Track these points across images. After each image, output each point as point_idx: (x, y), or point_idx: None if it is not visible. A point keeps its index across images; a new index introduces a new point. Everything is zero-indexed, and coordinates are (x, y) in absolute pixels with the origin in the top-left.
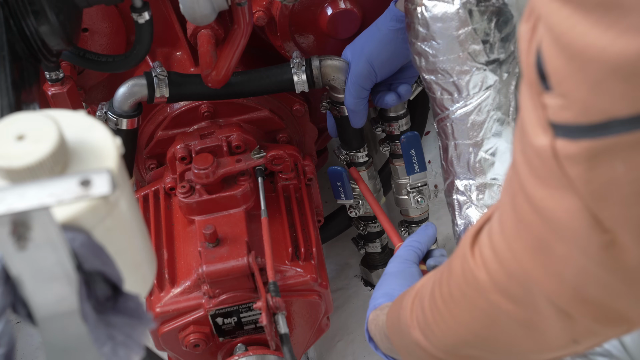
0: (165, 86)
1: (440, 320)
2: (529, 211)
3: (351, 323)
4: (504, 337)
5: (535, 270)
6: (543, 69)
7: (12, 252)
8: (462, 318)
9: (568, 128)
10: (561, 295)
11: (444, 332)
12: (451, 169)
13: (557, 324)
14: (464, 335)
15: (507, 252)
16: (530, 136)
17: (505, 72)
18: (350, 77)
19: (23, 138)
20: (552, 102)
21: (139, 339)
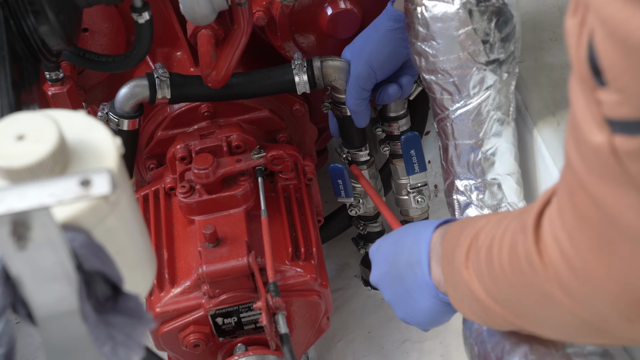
0: (167, 87)
1: (494, 277)
2: (591, 208)
3: (351, 323)
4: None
5: (599, 270)
6: (597, 63)
7: (12, 252)
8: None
9: (626, 124)
10: (624, 299)
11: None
12: (451, 169)
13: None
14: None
15: (570, 248)
16: (586, 134)
17: (505, 72)
18: (350, 79)
19: (23, 138)
20: (608, 98)
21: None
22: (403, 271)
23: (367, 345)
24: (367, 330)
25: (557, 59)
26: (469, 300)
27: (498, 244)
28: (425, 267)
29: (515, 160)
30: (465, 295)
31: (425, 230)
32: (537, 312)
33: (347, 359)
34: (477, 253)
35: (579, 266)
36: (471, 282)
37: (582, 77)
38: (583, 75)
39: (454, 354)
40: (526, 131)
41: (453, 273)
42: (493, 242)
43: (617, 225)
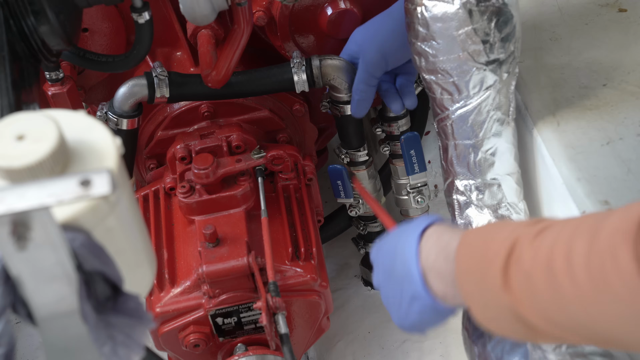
0: (165, 86)
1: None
2: None
3: (351, 323)
4: None
5: None
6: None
7: (12, 252)
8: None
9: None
10: None
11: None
12: (451, 169)
13: None
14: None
15: None
16: None
17: (505, 72)
18: (361, 65)
19: (23, 138)
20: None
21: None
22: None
23: (367, 345)
24: (367, 330)
25: (557, 59)
26: (509, 322)
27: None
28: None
29: (515, 160)
30: (503, 317)
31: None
32: (634, 339)
33: (347, 359)
34: (526, 275)
35: None
36: (518, 305)
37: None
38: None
39: (454, 354)
40: (526, 131)
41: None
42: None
43: None
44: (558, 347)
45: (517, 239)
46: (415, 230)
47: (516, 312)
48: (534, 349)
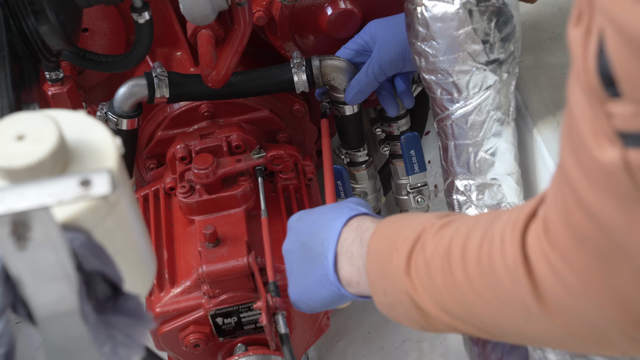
0: (165, 86)
1: (453, 289)
2: (590, 228)
3: (351, 323)
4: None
5: (599, 290)
6: (609, 74)
7: (12, 252)
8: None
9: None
10: (626, 318)
11: (457, 301)
12: (451, 169)
13: (617, 341)
14: (483, 315)
15: (564, 268)
16: (592, 148)
17: (505, 72)
18: (377, 58)
19: (23, 138)
20: (622, 110)
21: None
22: (310, 256)
23: (367, 345)
24: (367, 330)
25: (557, 59)
26: (406, 307)
27: (460, 254)
28: (330, 263)
29: (515, 160)
30: (401, 303)
31: (337, 221)
32: (512, 325)
33: (347, 359)
34: (426, 262)
35: (575, 285)
36: (413, 291)
37: (590, 88)
38: (591, 87)
39: (454, 354)
40: (526, 131)
41: (386, 278)
42: (451, 252)
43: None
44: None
45: (425, 229)
46: (343, 215)
47: (412, 298)
48: (534, 349)
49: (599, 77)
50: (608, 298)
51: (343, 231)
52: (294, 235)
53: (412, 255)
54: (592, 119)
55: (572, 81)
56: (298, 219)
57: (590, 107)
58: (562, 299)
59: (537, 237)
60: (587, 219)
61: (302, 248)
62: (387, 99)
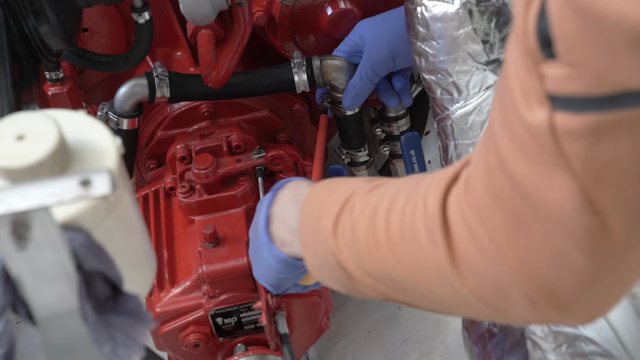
0: (166, 86)
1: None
2: (508, 189)
3: (351, 323)
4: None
5: (509, 252)
6: (548, 34)
7: (12, 252)
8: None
9: (572, 100)
10: (531, 281)
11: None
12: None
13: (518, 306)
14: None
15: (479, 228)
16: (521, 109)
17: None
18: (366, 62)
19: (23, 138)
20: (554, 72)
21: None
22: (255, 228)
23: (367, 345)
24: (367, 330)
25: None
26: (332, 269)
27: (384, 216)
28: (262, 224)
29: None
30: (328, 264)
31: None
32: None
33: (347, 359)
34: (352, 224)
35: (487, 246)
36: (339, 253)
37: (527, 48)
38: (529, 47)
39: (454, 354)
40: None
41: (315, 240)
42: (376, 214)
43: (537, 207)
44: (558, 347)
45: (354, 192)
46: (279, 183)
47: (338, 260)
48: (534, 349)
49: (537, 38)
50: (516, 261)
51: (278, 194)
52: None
53: (340, 217)
54: (525, 80)
55: (511, 40)
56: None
57: (525, 67)
58: (475, 261)
59: (457, 198)
60: (507, 180)
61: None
62: (385, 92)
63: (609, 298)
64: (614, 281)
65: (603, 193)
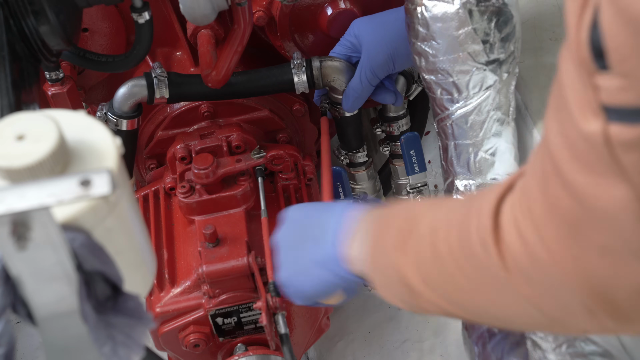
0: (165, 87)
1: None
2: (565, 197)
3: (351, 323)
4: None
5: (566, 261)
6: (599, 46)
7: (12, 252)
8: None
9: (626, 111)
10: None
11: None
12: (451, 169)
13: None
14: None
15: (534, 237)
16: (577, 119)
17: (505, 72)
18: (367, 63)
19: (23, 138)
20: (608, 84)
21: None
22: (309, 238)
23: (367, 345)
24: (367, 330)
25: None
26: (396, 285)
27: (446, 227)
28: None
29: (515, 160)
30: (392, 280)
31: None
32: (484, 300)
33: (347, 359)
34: (416, 237)
35: (543, 256)
36: (405, 268)
37: (580, 59)
38: (582, 58)
39: (454, 354)
40: (526, 131)
41: (381, 257)
42: (438, 226)
43: (594, 216)
44: (558, 347)
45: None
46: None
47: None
48: (534, 349)
49: (590, 49)
50: (573, 270)
51: (352, 212)
52: (289, 222)
53: (406, 234)
54: (580, 91)
55: (565, 51)
56: (296, 209)
57: (579, 78)
58: (528, 269)
59: (511, 207)
60: (563, 188)
61: (300, 231)
62: (380, 91)
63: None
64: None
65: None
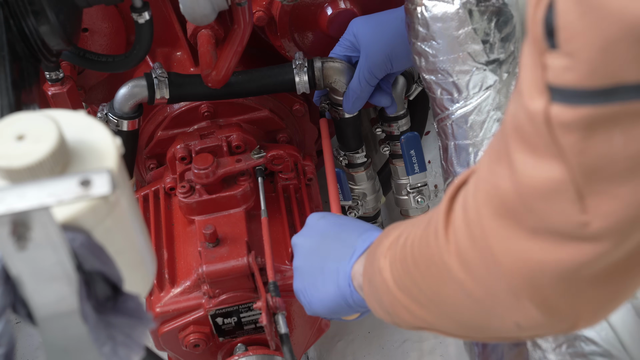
0: (165, 87)
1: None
2: (506, 176)
3: (351, 323)
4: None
5: (496, 240)
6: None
7: (12, 252)
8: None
9: (568, 92)
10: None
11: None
12: (451, 169)
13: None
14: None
15: (474, 215)
16: (525, 98)
17: (505, 72)
18: (363, 65)
19: (23, 138)
20: (555, 63)
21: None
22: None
23: (367, 345)
24: (367, 330)
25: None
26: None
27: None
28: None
29: None
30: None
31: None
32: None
33: (347, 359)
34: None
35: (478, 235)
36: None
37: (534, 37)
38: (536, 36)
39: (454, 354)
40: None
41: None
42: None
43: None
44: (558, 347)
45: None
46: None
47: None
48: (534, 349)
49: (543, 27)
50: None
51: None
52: (314, 229)
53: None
54: (531, 69)
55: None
56: (321, 217)
57: (532, 56)
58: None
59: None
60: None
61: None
62: (377, 93)
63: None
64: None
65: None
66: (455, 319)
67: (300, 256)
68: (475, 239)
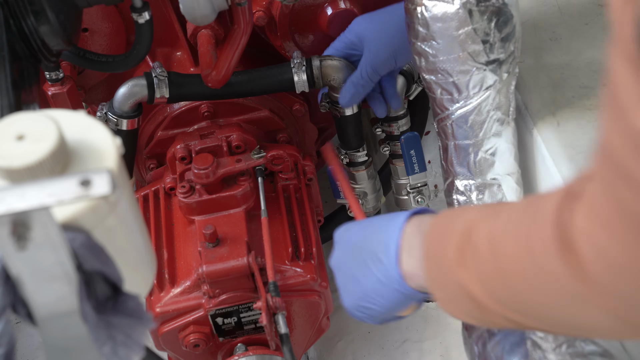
0: (165, 87)
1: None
2: (634, 197)
3: (351, 323)
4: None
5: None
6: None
7: (12, 252)
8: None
9: None
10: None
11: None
12: (451, 169)
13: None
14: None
15: (609, 244)
16: (630, 116)
17: (505, 72)
18: (367, 60)
19: (23, 138)
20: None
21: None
22: (367, 258)
23: (367, 345)
24: (367, 330)
25: (557, 59)
26: (461, 301)
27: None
28: (392, 257)
29: (515, 160)
30: (456, 296)
31: (397, 218)
32: (557, 310)
33: (347, 359)
34: (475, 250)
35: (621, 262)
36: (468, 283)
37: (629, 55)
38: (630, 54)
39: (454, 354)
40: (526, 131)
41: (441, 272)
42: (498, 239)
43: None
44: (558, 347)
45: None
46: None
47: (466, 290)
48: (534, 349)
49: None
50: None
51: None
52: (343, 244)
53: (463, 246)
54: (632, 88)
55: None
56: (346, 230)
57: (630, 75)
58: (605, 278)
59: (578, 215)
60: (629, 189)
61: (355, 253)
62: (374, 99)
63: None
64: None
65: None
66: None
67: (340, 276)
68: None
